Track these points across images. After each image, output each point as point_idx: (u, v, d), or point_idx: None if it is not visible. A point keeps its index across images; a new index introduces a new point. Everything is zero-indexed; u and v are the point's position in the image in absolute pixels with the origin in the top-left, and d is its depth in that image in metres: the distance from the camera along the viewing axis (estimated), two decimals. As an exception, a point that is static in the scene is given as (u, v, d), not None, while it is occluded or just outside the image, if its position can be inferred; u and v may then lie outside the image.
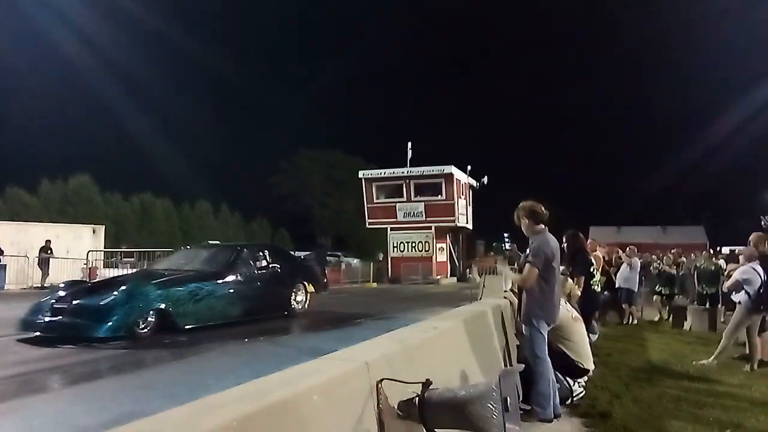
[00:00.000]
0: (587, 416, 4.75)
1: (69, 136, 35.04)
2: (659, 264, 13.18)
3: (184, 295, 8.55)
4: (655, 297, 12.68)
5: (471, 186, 29.67)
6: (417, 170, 27.54)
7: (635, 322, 11.48)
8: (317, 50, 57.66)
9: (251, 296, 9.76)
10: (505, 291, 6.13)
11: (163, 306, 8.19)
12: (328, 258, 37.96)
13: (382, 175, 28.50)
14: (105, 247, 22.88)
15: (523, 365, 2.85)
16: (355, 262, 35.68)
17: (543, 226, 4.79)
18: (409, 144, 28.16)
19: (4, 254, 18.22)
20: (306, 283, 11.22)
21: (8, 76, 35.64)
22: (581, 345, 5.19)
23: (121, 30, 44.23)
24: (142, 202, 36.12)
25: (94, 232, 22.96)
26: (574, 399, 5.11)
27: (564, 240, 6.80)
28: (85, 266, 18.81)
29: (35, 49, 36.66)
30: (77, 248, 20.55)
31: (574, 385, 5.14)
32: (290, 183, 46.73)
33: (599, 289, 7.82)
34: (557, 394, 4.82)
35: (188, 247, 13.17)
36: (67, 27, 38.38)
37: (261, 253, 10.65)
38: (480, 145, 44.09)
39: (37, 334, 7.71)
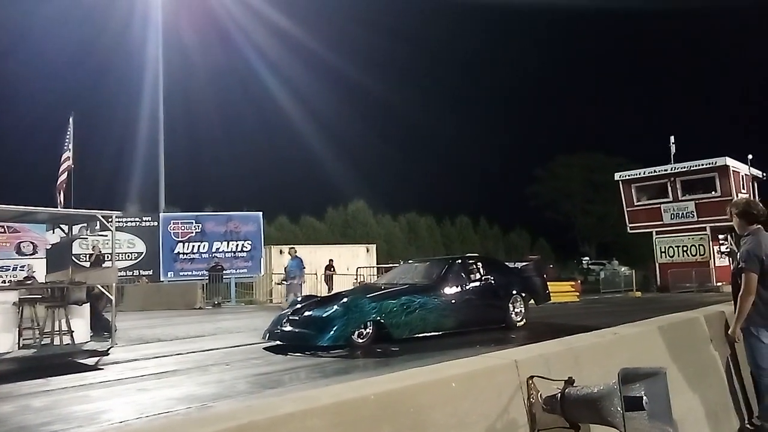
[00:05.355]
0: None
1: (345, 169, 40.62)
2: None
3: (396, 308, 8.99)
4: None
5: (755, 177, 25.57)
6: (683, 166, 24.84)
7: None
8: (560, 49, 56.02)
9: (464, 308, 9.87)
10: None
11: (377, 318, 8.77)
12: (590, 266, 36.75)
13: (641, 174, 26.41)
14: (377, 263, 25.99)
15: (663, 367, 2.84)
16: (623, 269, 33.87)
17: (756, 225, 4.40)
18: (671, 138, 25.59)
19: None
20: (523, 295, 10.94)
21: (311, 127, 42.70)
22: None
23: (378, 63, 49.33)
24: (408, 221, 39.77)
25: (367, 250, 26.45)
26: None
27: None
28: (355, 280, 21.69)
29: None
30: (354, 265, 23.87)
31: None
32: (547, 191, 46.18)
33: None
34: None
35: (409, 261, 13.84)
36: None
37: (474, 266, 10.68)
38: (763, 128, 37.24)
39: (277, 342, 8.77)
